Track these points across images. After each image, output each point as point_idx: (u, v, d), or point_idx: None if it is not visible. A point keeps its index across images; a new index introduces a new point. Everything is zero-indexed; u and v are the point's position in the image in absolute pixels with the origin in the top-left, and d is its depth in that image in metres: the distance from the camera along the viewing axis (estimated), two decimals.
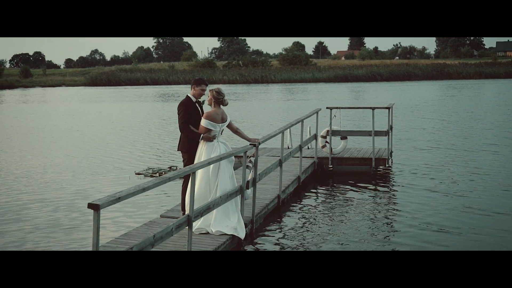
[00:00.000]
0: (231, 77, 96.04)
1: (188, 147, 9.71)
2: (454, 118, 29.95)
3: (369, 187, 13.73)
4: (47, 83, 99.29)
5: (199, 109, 9.81)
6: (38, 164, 18.13)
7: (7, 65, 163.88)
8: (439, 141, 21.05)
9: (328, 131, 15.63)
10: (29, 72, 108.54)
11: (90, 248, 8.14)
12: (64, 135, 26.53)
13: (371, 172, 15.21)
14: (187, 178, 9.63)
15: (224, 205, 9.33)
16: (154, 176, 15.20)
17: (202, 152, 9.49)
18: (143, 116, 36.03)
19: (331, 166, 15.57)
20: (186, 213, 8.27)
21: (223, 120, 9.59)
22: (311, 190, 13.69)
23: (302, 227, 10.73)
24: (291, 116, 30.27)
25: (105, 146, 22.42)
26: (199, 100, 9.90)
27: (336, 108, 15.70)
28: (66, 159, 19.12)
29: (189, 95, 9.83)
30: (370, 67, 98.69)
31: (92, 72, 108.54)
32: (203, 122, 9.45)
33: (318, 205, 12.41)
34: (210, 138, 9.47)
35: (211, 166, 9.31)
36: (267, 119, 31.90)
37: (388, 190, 13.52)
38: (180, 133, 9.80)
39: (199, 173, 9.40)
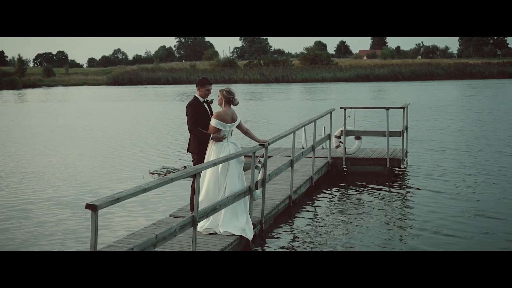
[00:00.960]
0: (252, 77, 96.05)
1: (198, 148, 9.68)
2: (471, 118, 29.64)
3: (382, 188, 13.62)
4: (69, 82, 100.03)
5: (208, 109, 9.79)
6: (51, 162, 18.24)
7: (31, 64, 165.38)
8: (456, 142, 20.83)
9: (342, 131, 15.55)
10: (52, 71, 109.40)
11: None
12: (80, 134, 26.67)
13: (385, 173, 15.10)
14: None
15: (233, 205, 9.30)
16: None
17: (212, 152, 9.47)
18: (160, 115, 36.14)
19: (345, 166, 15.48)
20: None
21: (233, 120, 9.55)
22: (324, 191, 13.62)
23: (312, 227, 10.67)
24: (307, 116, 30.17)
25: (120, 145, 22.52)
26: (208, 99, 9.88)
27: (350, 108, 15.61)
28: (80, 158, 19.21)
29: (196, 95, 9.81)
30: (392, 66, 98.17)
31: (114, 72, 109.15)
32: (213, 122, 9.43)
33: (330, 205, 12.34)
34: (219, 138, 9.44)
35: (220, 166, 9.28)
36: (282, 119, 31.83)
37: (401, 191, 13.40)
38: (189, 134, 9.80)
39: (208, 173, 9.39)
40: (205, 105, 9.81)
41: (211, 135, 9.43)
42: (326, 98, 48.63)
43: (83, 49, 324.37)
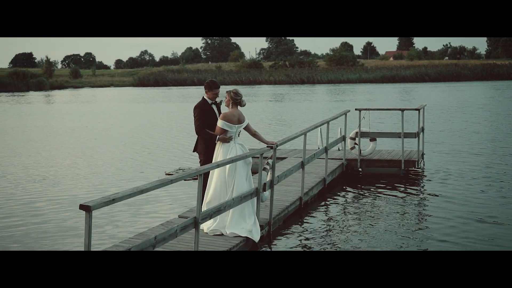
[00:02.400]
0: (277, 78, 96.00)
1: (204, 149, 9.77)
2: (492, 120, 29.29)
3: (396, 190, 13.55)
4: (96, 84, 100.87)
5: (216, 110, 9.85)
6: (68, 162, 18.42)
7: (59, 65, 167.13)
8: (474, 145, 20.58)
9: (357, 132, 15.51)
10: (79, 72, 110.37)
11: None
12: (99, 134, 26.88)
13: (400, 175, 15.03)
14: (205, 178, 9.69)
15: (240, 207, 9.34)
16: None
17: (219, 153, 9.53)
18: (179, 116, 36.29)
19: (360, 168, 15.44)
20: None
21: (240, 121, 9.59)
22: (337, 192, 13.58)
23: (322, 229, 10.64)
24: (325, 118, 30.06)
25: (138, 145, 22.66)
26: (217, 101, 9.95)
27: (365, 109, 15.55)
28: (97, 158, 19.38)
29: (205, 97, 9.89)
30: (418, 67, 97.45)
31: (140, 73, 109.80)
32: (219, 123, 9.48)
33: (342, 207, 12.30)
34: (226, 139, 9.49)
35: (227, 167, 9.33)
36: (298, 120, 31.75)
37: (415, 193, 13.30)
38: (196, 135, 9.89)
39: (215, 175, 9.44)
40: (214, 106, 9.89)
41: (218, 136, 9.50)
42: (345, 100, 48.41)
43: (110, 50, 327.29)
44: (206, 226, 9.45)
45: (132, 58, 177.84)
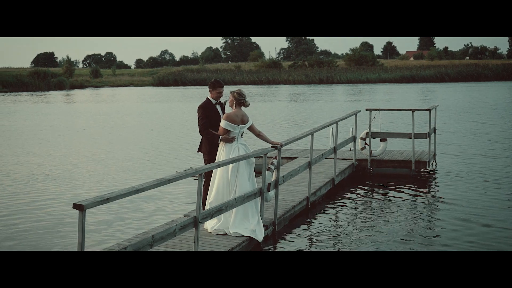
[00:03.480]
0: (296, 78, 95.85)
1: (208, 149, 9.83)
2: (507, 121, 29.01)
3: (405, 191, 13.47)
4: (116, 83, 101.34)
5: (220, 110, 9.89)
6: (76, 161, 18.55)
7: (80, 65, 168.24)
8: (487, 146, 20.36)
9: (367, 133, 15.47)
10: (99, 72, 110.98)
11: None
12: (110, 134, 27.02)
13: (411, 175, 14.97)
14: (208, 178, 9.74)
15: (244, 206, 9.37)
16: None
17: (221, 153, 9.56)
18: (193, 116, 36.35)
19: (371, 168, 15.39)
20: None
21: (243, 122, 9.61)
22: (346, 193, 13.54)
23: (328, 229, 10.60)
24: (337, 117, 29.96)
25: (150, 145, 22.77)
26: (221, 101, 9.99)
27: (376, 110, 15.51)
28: (108, 157, 19.49)
29: (208, 97, 9.93)
30: (438, 67, 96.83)
31: (159, 73, 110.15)
32: (222, 123, 9.51)
33: (350, 208, 12.26)
34: (229, 140, 9.52)
35: (230, 167, 9.36)
36: (310, 120, 31.71)
37: (423, 195, 13.21)
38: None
39: (218, 175, 9.48)
40: (218, 106, 9.93)
41: (220, 136, 9.54)
42: (362, 100, 48.21)
43: (131, 50, 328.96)
44: (210, 226, 9.49)
45: (153, 58, 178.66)
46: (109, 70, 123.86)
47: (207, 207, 9.39)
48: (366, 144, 15.52)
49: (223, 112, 9.92)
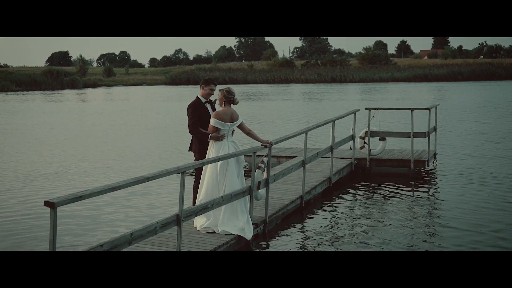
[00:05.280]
0: (309, 77, 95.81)
1: (198, 148, 9.85)
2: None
3: (402, 190, 13.40)
4: (128, 82, 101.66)
5: (210, 109, 9.91)
6: (80, 160, 18.64)
7: (94, 64, 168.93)
8: (490, 146, 20.20)
9: (366, 132, 15.42)
10: (112, 71, 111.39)
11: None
12: (114, 132, 27.10)
13: (410, 174, 14.91)
14: (198, 175, 9.76)
15: (233, 205, 9.38)
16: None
17: (211, 152, 9.57)
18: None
19: (369, 167, 15.35)
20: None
21: (233, 120, 9.61)
22: (344, 192, 13.48)
23: (321, 228, 10.56)
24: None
25: (152, 143, 22.83)
26: (211, 99, 10.00)
27: (375, 108, 15.46)
28: (110, 156, 19.56)
29: (198, 96, 9.95)
30: (451, 66, 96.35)
31: (172, 71, 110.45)
32: (211, 121, 9.52)
33: (346, 206, 12.21)
34: (219, 138, 9.53)
35: (219, 165, 9.37)
36: (311, 118, 31.65)
37: (420, 194, 13.15)
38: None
39: (207, 173, 9.49)
40: (208, 105, 9.95)
41: (210, 134, 9.55)
42: (374, 99, 48.08)
43: (145, 49, 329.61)
44: (199, 224, 9.50)
45: (166, 57, 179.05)
46: (122, 69, 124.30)
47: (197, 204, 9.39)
48: (365, 143, 15.48)
49: (213, 110, 9.94)
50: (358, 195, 13.20)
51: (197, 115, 9.75)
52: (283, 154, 16.36)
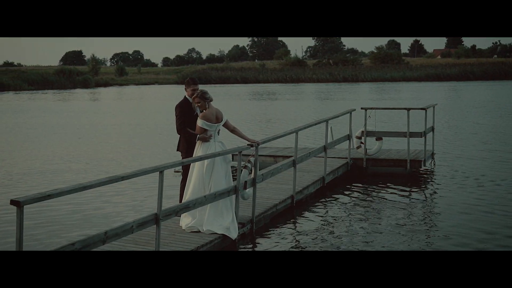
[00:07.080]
0: (321, 76, 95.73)
1: (186, 148, 9.91)
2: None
3: (399, 190, 13.37)
4: (140, 81, 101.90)
5: (197, 109, 9.95)
6: (81, 159, 18.74)
7: (108, 63, 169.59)
8: (490, 146, 20.10)
9: (363, 131, 15.41)
10: (124, 70, 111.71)
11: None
12: (115, 132, 27.19)
13: (406, 174, 14.88)
14: (185, 175, 9.80)
15: (218, 204, 9.40)
16: None
17: (198, 152, 9.60)
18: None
19: (366, 167, 15.32)
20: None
21: (218, 119, 9.64)
22: (337, 192, 13.45)
23: (311, 228, 10.55)
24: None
25: (151, 143, 22.90)
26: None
27: (371, 108, 15.44)
28: (108, 153, 19.64)
29: (186, 96, 10.00)
30: (464, 65, 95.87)
31: (184, 71, 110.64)
32: (199, 122, 9.55)
33: (338, 206, 12.17)
34: (206, 138, 9.56)
35: (205, 165, 9.40)
36: (312, 118, 31.56)
37: (414, 194, 13.10)
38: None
39: (195, 173, 9.52)
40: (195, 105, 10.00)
41: (198, 135, 9.59)
42: (384, 98, 47.95)
43: (158, 48, 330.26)
44: (184, 224, 9.53)
45: (179, 56, 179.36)
46: (135, 69, 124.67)
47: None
48: (361, 143, 15.46)
49: (201, 110, 9.96)
50: (353, 195, 13.17)
51: (185, 115, 9.82)
52: (281, 154, 16.36)
